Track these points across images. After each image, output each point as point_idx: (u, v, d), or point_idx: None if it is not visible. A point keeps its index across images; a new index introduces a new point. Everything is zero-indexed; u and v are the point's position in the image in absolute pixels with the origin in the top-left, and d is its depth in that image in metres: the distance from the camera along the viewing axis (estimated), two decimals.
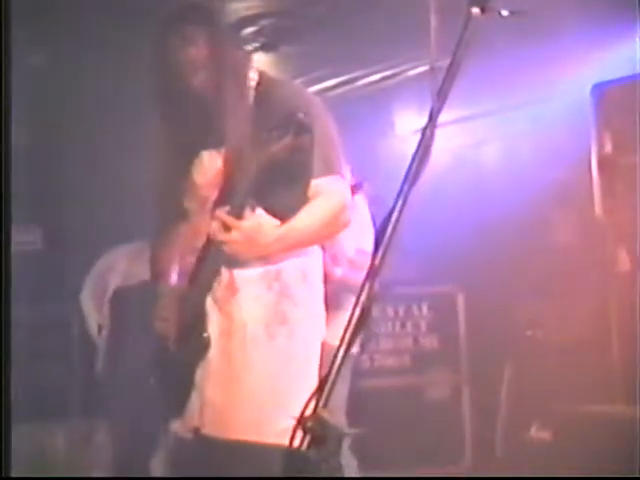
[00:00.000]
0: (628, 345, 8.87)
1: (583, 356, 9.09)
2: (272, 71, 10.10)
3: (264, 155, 5.06)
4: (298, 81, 10.50)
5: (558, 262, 9.60)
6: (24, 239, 8.72)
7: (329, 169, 5.34)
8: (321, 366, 5.31)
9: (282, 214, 5.25)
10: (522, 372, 9.87)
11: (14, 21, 4.16)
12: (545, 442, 8.68)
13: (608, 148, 9.36)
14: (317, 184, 5.28)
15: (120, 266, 6.53)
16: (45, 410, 7.95)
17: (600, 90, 9.40)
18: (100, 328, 6.37)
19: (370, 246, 3.17)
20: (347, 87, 10.69)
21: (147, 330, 5.58)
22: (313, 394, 3.03)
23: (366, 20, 8.08)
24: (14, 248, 4.26)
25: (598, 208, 9.47)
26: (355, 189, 6.79)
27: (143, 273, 5.95)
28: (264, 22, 9.28)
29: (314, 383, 4.91)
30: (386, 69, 10.14)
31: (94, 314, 7.34)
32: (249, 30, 9.33)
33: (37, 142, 9.39)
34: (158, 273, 5.68)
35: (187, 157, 5.50)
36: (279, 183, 5.23)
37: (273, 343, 5.33)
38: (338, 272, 6.80)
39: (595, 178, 9.47)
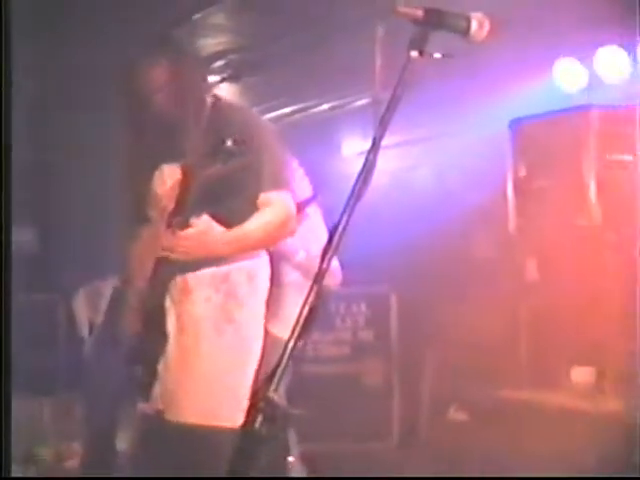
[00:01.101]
0: (534, 341, 8.92)
1: (495, 350, 9.10)
2: (236, 99, 10.20)
3: (212, 171, 5.08)
4: (259, 108, 10.53)
5: (476, 271, 9.63)
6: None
7: (277, 184, 5.40)
8: (263, 356, 5.39)
9: (231, 222, 5.31)
10: (443, 363, 9.87)
11: None
12: (462, 422, 8.68)
13: (522, 173, 9.39)
14: (266, 197, 5.35)
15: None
16: (37, 386, 7.91)
17: (517, 124, 9.44)
18: (91, 326, 6.34)
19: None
20: (302, 114, 10.69)
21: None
22: (266, 380, 3.03)
23: (319, 57, 8.05)
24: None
25: (512, 225, 9.49)
26: (309, 201, 6.81)
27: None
28: (231, 57, 9.28)
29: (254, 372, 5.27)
30: (335, 100, 10.16)
31: (86, 314, 7.32)
32: (218, 63, 9.30)
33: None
34: (126, 276, 5.70)
35: (149, 169, 5.48)
36: (230, 195, 5.31)
37: (221, 338, 5.37)
38: (292, 274, 6.80)
39: (510, 199, 9.48)
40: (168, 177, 5.43)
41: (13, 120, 3.96)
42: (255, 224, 5.36)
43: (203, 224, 5.25)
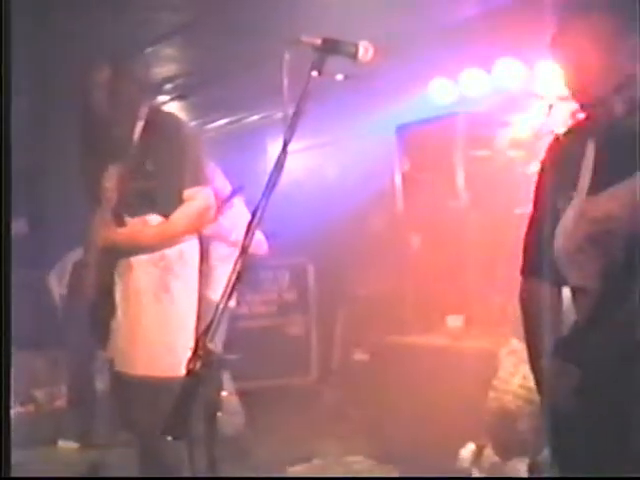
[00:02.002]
0: (417, 296, 8.96)
1: (388, 304, 9.12)
2: (183, 114, 10.16)
3: (140, 172, 5.23)
4: (201, 121, 10.51)
5: (373, 243, 9.62)
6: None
7: (198, 181, 5.39)
8: (199, 317, 5.38)
9: (165, 213, 5.36)
10: (350, 315, 9.89)
11: None
12: (364, 362, 8.68)
13: (406, 167, 9.41)
14: (189, 192, 5.33)
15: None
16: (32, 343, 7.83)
17: (402, 128, 9.46)
18: (61, 297, 6.34)
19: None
20: (234, 125, 10.68)
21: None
22: (203, 333, 3.03)
23: (247, 79, 8.03)
24: None
25: (399, 208, 9.50)
26: (234, 193, 6.86)
27: None
28: (178, 81, 9.22)
29: (191, 331, 5.26)
30: (261, 113, 10.15)
31: (57, 289, 7.31)
32: (168, 86, 9.25)
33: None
34: (84, 252, 5.64)
35: (101, 168, 5.43)
36: (158, 192, 5.35)
37: (159, 305, 5.37)
38: (227, 250, 6.81)
39: (398, 188, 9.49)
40: (112, 175, 5.39)
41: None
42: (179, 215, 5.35)
43: (136, 224, 5.33)
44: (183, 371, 4.32)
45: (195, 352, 2.94)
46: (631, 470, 2.89)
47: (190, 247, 5.53)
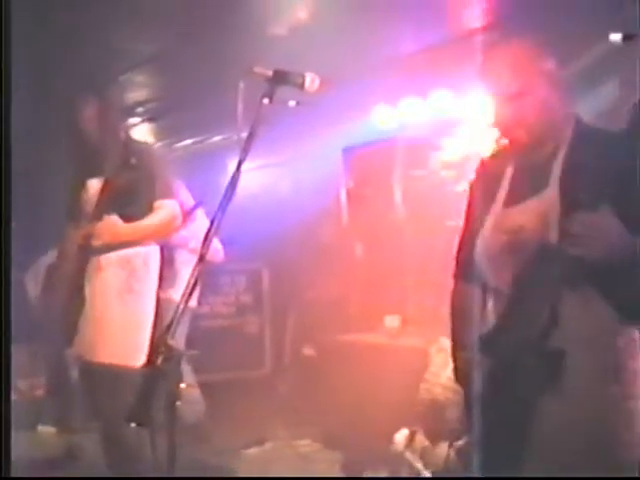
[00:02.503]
0: (359, 299, 9.01)
1: (334, 306, 9.14)
2: (151, 134, 10.16)
3: (121, 182, 5.32)
4: (169, 140, 10.49)
5: (322, 252, 9.63)
6: None
7: (166, 195, 5.49)
8: (161, 315, 5.51)
9: (133, 220, 5.43)
10: (299, 316, 9.89)
11: None
12: (312, 357, 8.68)
13: (351, 185, 9.46)
14: (158, 203, 5.43)
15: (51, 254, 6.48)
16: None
17: (347, 150, 9.53)
18: (36, 297, 6.37)
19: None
20: (198, 145, 10.66)
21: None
22: (165, 330, 3.04)
23: (209, 104, 8.00)
24: None
25: (345, 221, 9.54)
26: (196, 206, 6.91)
27: None
28: (148, 105, 9.17)
29: (149, 327, 5.43)
30: (221, 135, 10.16)
31: (32, 290, 7.35)
32: (139, 109, 9.21)
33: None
34: (58, 255, 5.78)
35: (80, 182, 5.60)
36: (133, 202, 5.41)
37: (123, 303, 5.45)
38: (186, 256, 6.86)
39: (343, 203, 9.54)
40: (91, 188, 5.50)
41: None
42: (149, 221, 5.46)
43: (111, 219, 5.35)
44: (141, 362, 4.87)
45: (157, 348, 2.93)
46: (535, 454, 2.93)
47: (152, 253, 5.62)
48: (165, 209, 5.49)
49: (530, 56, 3.16)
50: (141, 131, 9.77)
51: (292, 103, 3.47)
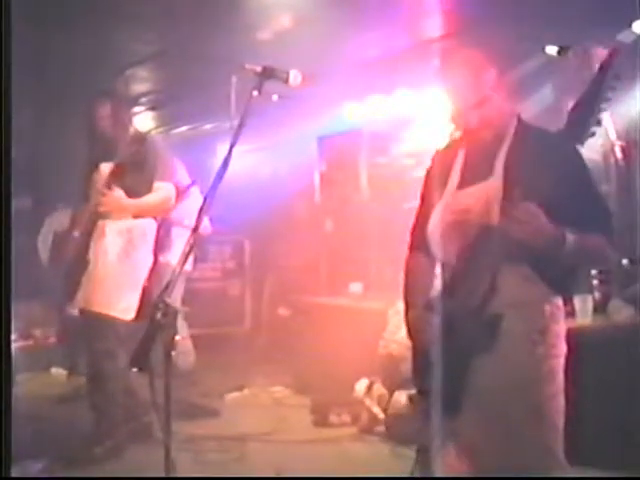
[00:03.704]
0: (327, 267, 9.04)
1: (306, 272, 9.17)
2: (153, 122, 10.13)
3: (124, 167, 5.51)
4: (167, 127, 10.45)
5: (296, 226, 9.67)
6: None
7: (164, 177, 5.69)
8: (150, 277, 5.73)
9: (136, 197, 5.64)
10: (277, 280, 9.89)
11: None
12: (286, 316, 8.69)
13: (324, 169, 9.47)
14: (157, 185, 5.64)
15: (59, 220, 6.59)
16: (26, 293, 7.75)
17: (322, 139, 9.57)
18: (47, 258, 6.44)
19: None
20: (194, 131, 10.63)
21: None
22: (163, 289, 3.06)
23: (203, 97, 8.01)
24: None
25: (317, 199, 9.56)
26: (190, 185, 6.94)
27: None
28: (150, 96, 9.16)
29: (140, 289, 5.63)
30: (213, 122, 10.12)
31: (43, 252, 7.41)
32: (143, 99, 9.19)
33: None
34: (70, 224, 5.88)
35: (95, 165, 5.76)
36: (137, 181, 5.60)
37: (121, 265, 5.63)
38: (181, 230, 6.89)
39: (316, 185, 9.56)
40: (102, 170, 5.65)
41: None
42: (148, 199, 5.66)
43: (117, 193, 5.55)
44: (131, 315, 5.35)
45: (156, 304, 2.96)
46: (474, 403, 2.99)
47: (150, 227, 5.80)
48: (162, 190, 5.69)
49: (484, 66, 3.20)
50: (144, 119, 9.75)
51: (275, 97, 3.52)
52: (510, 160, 3.05)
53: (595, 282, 5.81)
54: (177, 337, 3.03)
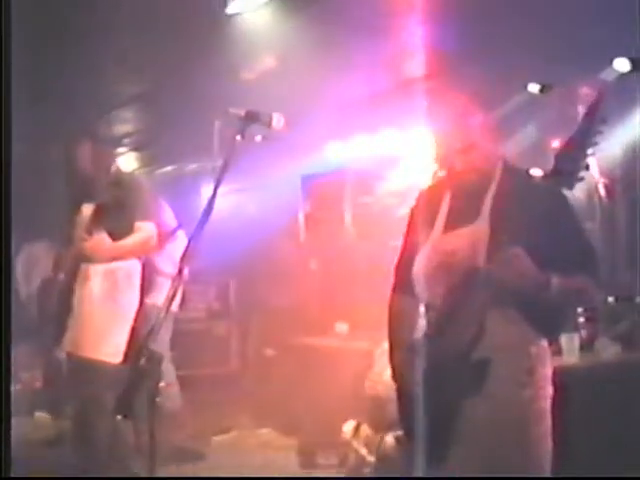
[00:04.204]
0: (315, 306, 8.98)
1: (291, 312, 9.10)
2: (136, 162, 10.14)
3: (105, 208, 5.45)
4: (151, 168, 10.45)
5: (282, 266, 9.62)
6: None
7: (144, 217, 5.57)
8: (142, 321, 5.55)
9: (119, 238, 5.52)
10: (262, 321, 9.84)
11: None
12: (272, 357, 8.66)
13: (308, 210, 9.49)
14: (138, 225, 5.52)
15: (41, 262, 6.63)
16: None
17: (306, 179, 9.57)
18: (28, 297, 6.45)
19: None
20: (178, 172, 10.63)
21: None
22: (147, 334, 3.04)
23: (187, 138, 8.02)
24: None
25: (302, 239, 9.55)
26: (176, 229, 6.92)
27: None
28: (134, 137, 9.19)
29: (127, 332, 5.49)
30: (198, 162, 10.12)
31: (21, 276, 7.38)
32: (126, 140, 9.22)
33: None
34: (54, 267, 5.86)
35: (77, 206, 5.68)
36: (119, 223, 5.49)
37: (106, 310, 5.54)
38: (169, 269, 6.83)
39: (301, 224, 9.56)
40: (84, 211, 5.59)
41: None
42: (129, 241, 5.55)
43: (100, 236, 5.47)
44: (119, 359, 5.20)
45: (140, 350, 2.94)
46: (461, 448, 2.97)
47: (134, 268, 5.71)
48: (143, 231, 5.59)
49: (470, 110, 3.21)
50: (128, 159, 9.75)
51: (259, 138, 3.53)
52: (496, 204, 3.06)
53: (581, 320, 5.79)
54: (162, 383, 3.01)
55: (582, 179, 2.86)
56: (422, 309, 3.21)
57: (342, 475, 6.18)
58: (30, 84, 6.74)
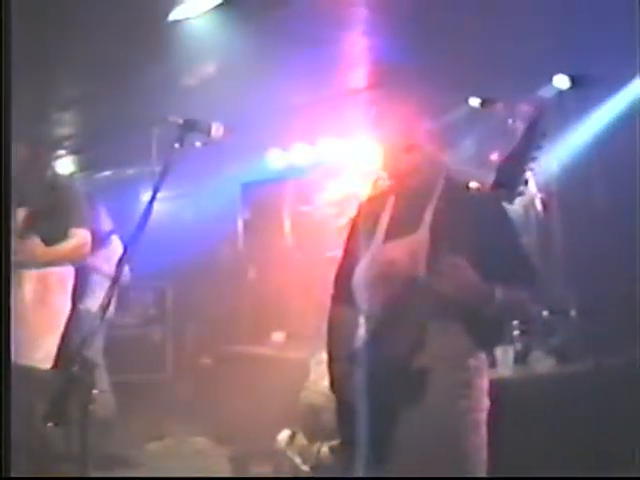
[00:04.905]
0: (250, 315, 8.98)
1: (228, 321, 9.09)
2: (74, 166, 10.02)
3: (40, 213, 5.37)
4: (88, 172, 10.34)
5: (219, 273, 9.62)
6: None
7: (79, 223, 5.46)
8: (75, 327, 5.44)
9: (52, 243, 5.41)
10: (199, 328, 9.82)
11: None
12: (208, 365, 8.61)
13: (247, 216, 9.52)
14: (72, 231, 5.41)
15: None
16: None
17: (245, 186, 9.59)
18: None
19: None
20: (117, 176, 10.53)
21: None
22: (81, 342, 3.00)
23: (124, 143, 7.96)
24: None
25: (240, 246, 9.53)
26: (110, 233, 6.85)
27: None
28: (73, 140, 9.09)
29: (58, 336, 5.35)
30: (137, 167, 10.02)
31: None
32: (64, 143, 9.11)
33: None
34: None
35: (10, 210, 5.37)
36: (52, 228, 5.38)
37: (38, 312, 5.42)
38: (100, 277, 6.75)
39: (240, 232, 9.53)
40: (19, 216, 5.47)
41: None
42: (62, 247, 5.45)
43: (33, 241, 5.35)
44: (49, 365, 5.07)
45: (73, 357, 2.89)
46: (398, 457, 2.96)
47: (67, 273, 5.60)
48: (77, 237, 5.50)
49: (415, 116, 3.21)
50: (65, 162, 9.64)
51: (198, 144, 3.50)
52: (437, 215, 3.06)
53: (516, 333, 5.83)
54: (95, 390, 2.95)
55: (522, 194, 2.88)
56: (362, 319, 3.20)
57: None
58: None
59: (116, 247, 6.73)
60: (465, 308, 2.93)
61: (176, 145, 3.25)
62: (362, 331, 3.20)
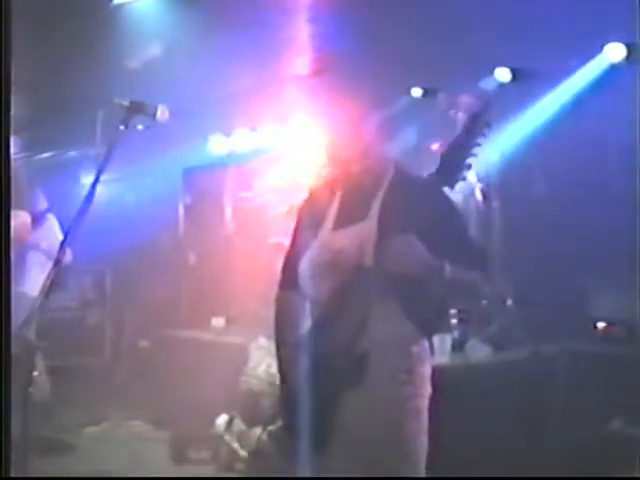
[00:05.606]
0: (189, 300, 8.92)
1: (167, 305, 9.02)
2: (14, 147, 9.78)
3: None
4: (30, 153, 10.14)
5: (159, 257, 9.54)
6: None
7: (18, 205, 5.19)
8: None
9: None
10: (138, 312, 9.71)
11: None
12: (146, 348, 8.57)
13: (189, 201, 9.48)
14: (12, 214, 5.05)
15: None
16: None
17: (187, 172, 9.57)
18: None
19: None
20: (58, 158, 10.33)
21: None
22: (24, 324, 2.95)
23: (69, 123, 7.86)
24: None
25: (180, 232, 9.47)
26: (46, 211, 6.75)
27: None
28: (16, 121, 8.91)
29: None
30: (79, 149, 9.87)
31: None
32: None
33: None
34: None
35: None
36: None
37: None
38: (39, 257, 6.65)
39: (181, 216, 9.48)
40: None
41: None
42: None
43: None
44: None
45: (15, 340, 2.86)
46: (340, 441, 2.97)
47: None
48: (17, 219, 5.34)
49: (365, 113, 3.21)
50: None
51: (140, 127, 3.46)
52: (386, 204, 3.07)
53: (454, 321, 5.87)
54: (35, 373, 2.92)
55: (464, 178, 2.94)
56: (308, 306, 3.20)
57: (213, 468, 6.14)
58: None
59: (52, 224, 6.65)
60: (411, 291, 2.95)
61: (121, 127, 3.21)
62: (308, 317, 3.21)
